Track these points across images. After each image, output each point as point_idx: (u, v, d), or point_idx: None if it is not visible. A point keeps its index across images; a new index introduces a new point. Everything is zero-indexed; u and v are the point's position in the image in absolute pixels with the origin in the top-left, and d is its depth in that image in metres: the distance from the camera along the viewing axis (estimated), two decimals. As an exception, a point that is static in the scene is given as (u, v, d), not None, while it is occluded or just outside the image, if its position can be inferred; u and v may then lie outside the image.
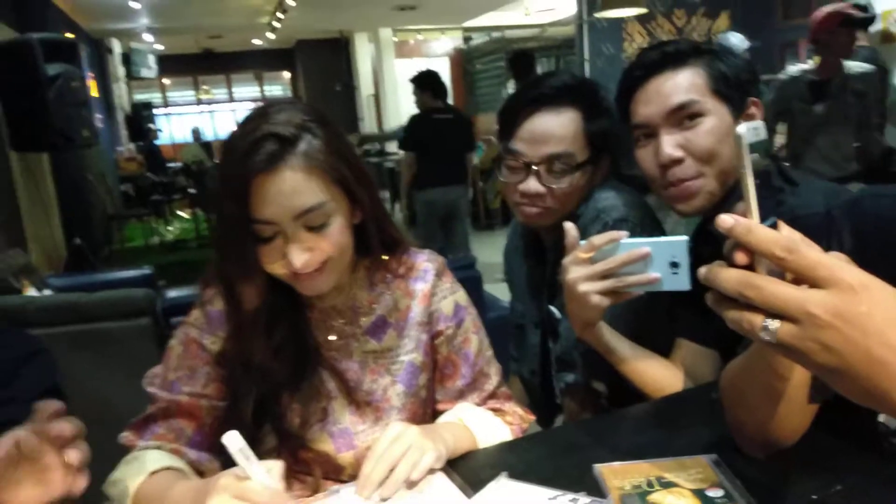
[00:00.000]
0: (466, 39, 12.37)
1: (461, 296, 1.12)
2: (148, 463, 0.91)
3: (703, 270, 0.58)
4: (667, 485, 0.81)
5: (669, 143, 1.10)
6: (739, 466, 0.84)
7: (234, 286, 0.96)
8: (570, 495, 0.78)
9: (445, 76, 13.34)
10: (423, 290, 1.07)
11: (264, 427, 1.00)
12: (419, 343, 1.07)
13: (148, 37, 10.90)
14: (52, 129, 3.76)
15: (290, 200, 0.87)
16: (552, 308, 1.38)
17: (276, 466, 0.77)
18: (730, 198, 1.11)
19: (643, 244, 0.99)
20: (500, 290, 4.09)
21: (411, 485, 0.84)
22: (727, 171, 1.09)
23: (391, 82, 11.92)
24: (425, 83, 4.70)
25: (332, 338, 1.04)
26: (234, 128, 0.92)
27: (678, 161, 1.10)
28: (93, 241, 5.69)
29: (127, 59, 10.75)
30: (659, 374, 1.14)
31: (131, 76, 11.11)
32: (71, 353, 2.03)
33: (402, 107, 12.43)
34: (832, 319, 0.51)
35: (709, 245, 1.11)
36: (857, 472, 0.82)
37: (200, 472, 0.96)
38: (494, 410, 1.09)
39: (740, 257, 0.56)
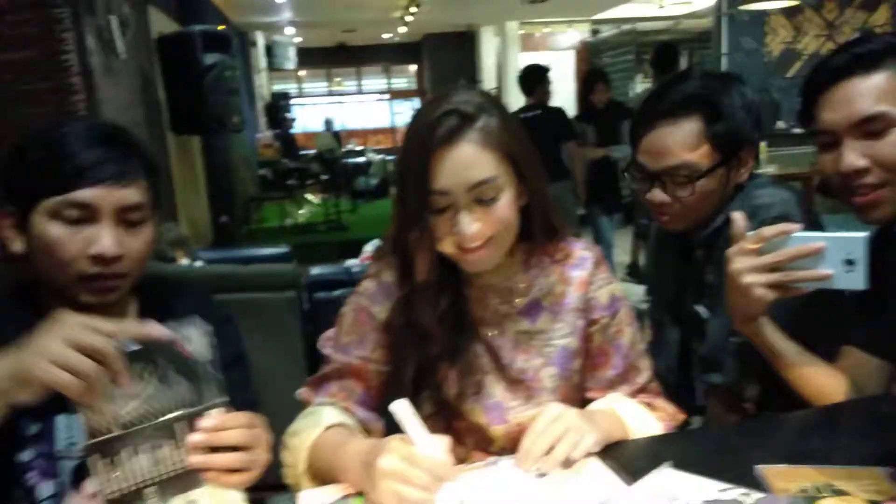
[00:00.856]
0: (594, 32, 12.11)
1: (616, 287, 1.13)
2: (324, 418, 0.99)
3: None
4: (837, 492, 0.78)
5: (853, 154, 1.03)
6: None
7: (409, 256, 1.02)
8: (741, 489, 0.76)
9: (571, 70, 13.15)
10: (580, 278, 1.09)
11: (422, 394, 1.05)
12: (575, 328, 1.08)
13: (289, 30, 11.50)
14: (208, 114, 4.07)
15: (466, 171, 0.94)
16: (698, 308, 1.35)
17: (443, 441, 0.82)
18: None
19: (817, 238, 0.94)
20: (623, 290, 4.01)
21: (569, 465, 0.86)
22: None
23: (514, 76, 11.91)
24: (520, 81, 4.71)
25: (487, 314, 1.08)
26: (417, 110, 1.01)
27: (862, 172, 1.03)
28: (235, 220, 6.09)
29: (269, 50, 11.39)
30: (823, 380, 1.09)
31: (272, 67, 11.75)
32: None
33: (525, 100, 12.39)
34: None
35: (893, 248, 1.06)
36: None
37: (367, 431, 1.03)
38: (646, 405, 1.09)
39: None
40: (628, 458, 0.89)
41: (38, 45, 2.52)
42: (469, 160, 0.94)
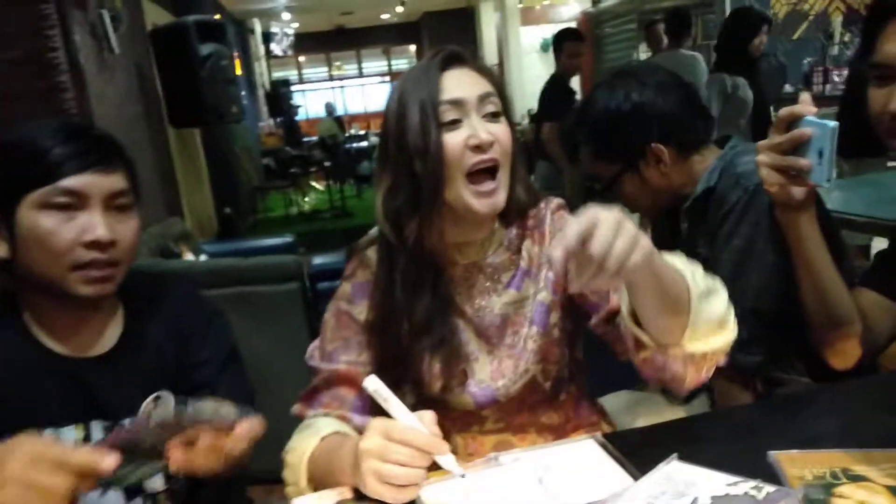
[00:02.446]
0: (595, 2, 11.92)
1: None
2: (321, 429, 0.96)
3: None
4: (855, 478, 0.75)
5: None
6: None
7: (401, 223, 1.00)
8: (752, 482, 0.73)
9: (573, 42, 13.00)
10: (545, 232, 1.08)
11: (403, 388, 1.03)
12: (547, 282, 1.06)
13: (286, 16, 11.40)
14: (205, 105, 4.01)
15: (475, 84, 0.99)
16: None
17: (427, 414, 0.80)
18: None
19: (816, 125, 0.91)
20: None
21: (571, 460, 0.83)
22: None
23: (516, 51, 11.76)
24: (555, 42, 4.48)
25: (473, 294, 1.06)
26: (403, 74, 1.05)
27: None
28: (239, 211, 6.09)
29: (266, 38, 11.31)
30: (842, 295, 1.05)
31: (270, 55, 11.69)
32: (231, 313, 2.18)
33: (526, 75, 12.27)
34: None
35: None
36: None
37: None
38: None
39: None
40: (635, 449, 0.86)
41: (25, 43, 2.47)
42: (474, 77, 1.00)
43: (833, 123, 0.90)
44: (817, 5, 6.47)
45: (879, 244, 3.28)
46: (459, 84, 0.98)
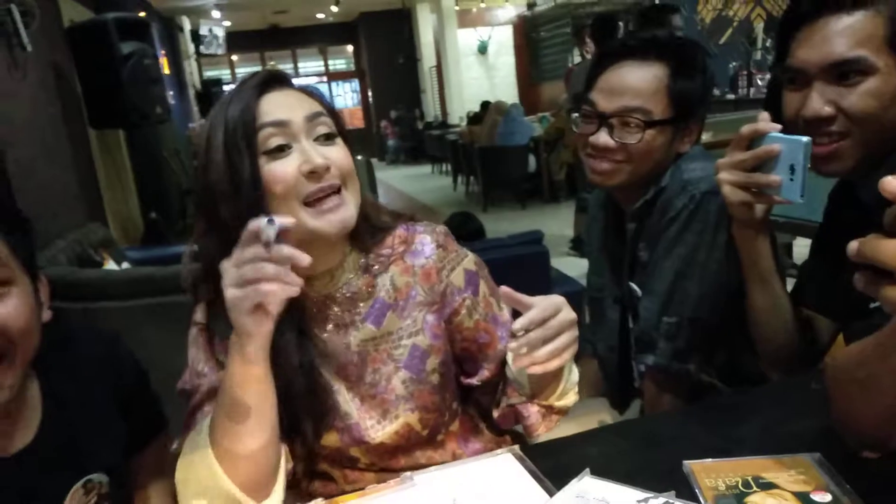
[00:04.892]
0: (530, 6, 12.07)
1: (469, 261, 1.02)
2: (206, 428, 0.84)
3: (854, 245, 0.51)
4: (766, 486, 0.75)
5: (820, 99, 0.95)
6: (846, 467, 0.76)
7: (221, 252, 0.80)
8: (661, 498, 0.72)
9: (509, 45, 13.12)
10: (424, 267, 0.98)
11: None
12: (424, 325, 0.97)
13: (216, 14, 11.09)
14: (127, 106, 3.85)
15: (299, 104, 0.89)
16: (633, 285, 1.32)
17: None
18: (886, 163, 0.96)
19: (784, 141, 0.90)
20: (566, 265, 4.01)
21: (487, 477, 0.80)
22: (885, 137, 0.94)
23: (453, 53, 11.80)
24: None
25: (329, 328, 0.97)
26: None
27: (827, 119, 0.95)
28: (168, 215, 5.87)
29: (196, 36, 10.98)
30: (789, 307, 1.06)
31: (201, 53, 11.35)
32: (147, 325, 2.08)
33: (464, 77, 12.34)
34: None
35: (853, 210, 1.00)
36: None
37: None
38: None
39: None
40: (552, 460, 0.85)
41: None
42: (299, 97, 0.90)
43: (806, 139, 0.90)
44: (741, 11, 6.72)
45: (803, 242, 3.41)
46: (281, 105, 0.87)
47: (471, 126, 8.67)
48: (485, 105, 8.76)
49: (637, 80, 1.20)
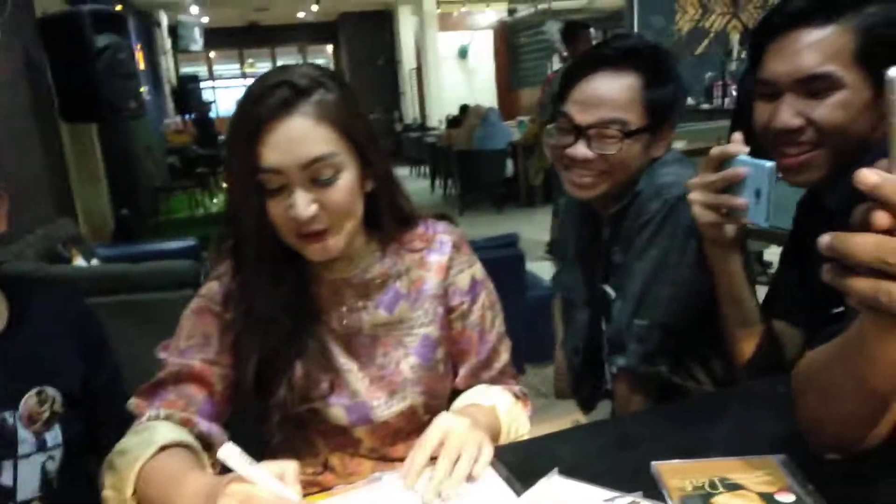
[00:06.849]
0: (511, 11, 12.13)
1: (477, 269, 1.08)
2: (158, 436, 0.85)
3: (826, 238, 0.51)
4: (731, 487, 0.75)
5: (790, 111, 0.97)
6: (811, 468, 0.77)
7: (243, 240, 0.95)
8: (628, 497, 0.73)
9: (489, 49, 13.17)
10: (439, 263, 1.04)
11: (270, 400, 0.97)
12: (435, 316, 1.03)
13: (194, 9, 10.97)
14: (100, 100, 3.80)
15: (298, 148, 0.87)
16: (606, 287, 1.33)
17: (289, 468, 0.72)
18: (852, 170, 1.00)
19: (751, 165, 0.91)
20: (542, 269, 4.03)
21: (471, 479, 0.80)
22: (853, 149, 0.96)
23: (433, 56, 11.81)
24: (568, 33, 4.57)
25: (343, 310, 1.02)
26: (249, 86, 0.94)
27: (796, 131, 0.98)
28: (140, 212, 5.80)
29: (174, 31, 10.86)
30: (759, 323, 1.07)
31: (178, 49, 11.22)
32: (116, 322, 2.03)
33: (444, 81, 12.36)
34: None
35: (818, 217, 1.02)
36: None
37: (209, 447, 0.90)
38: (514, 396, 1.07)
39: (881, 218, 0.49)
40: (520, 461, 0.84)
41: None
42: (302, 135, 0.87)
43: (770, 163, 0.91)
44: (717, 23, 6.82)
45: (773, 249, 3.46)
46: (277, 148, 0.86)
47: (449, 129, 8.68)
48: (464, 109, 8.77)
49: (612, 91, 1.20)
